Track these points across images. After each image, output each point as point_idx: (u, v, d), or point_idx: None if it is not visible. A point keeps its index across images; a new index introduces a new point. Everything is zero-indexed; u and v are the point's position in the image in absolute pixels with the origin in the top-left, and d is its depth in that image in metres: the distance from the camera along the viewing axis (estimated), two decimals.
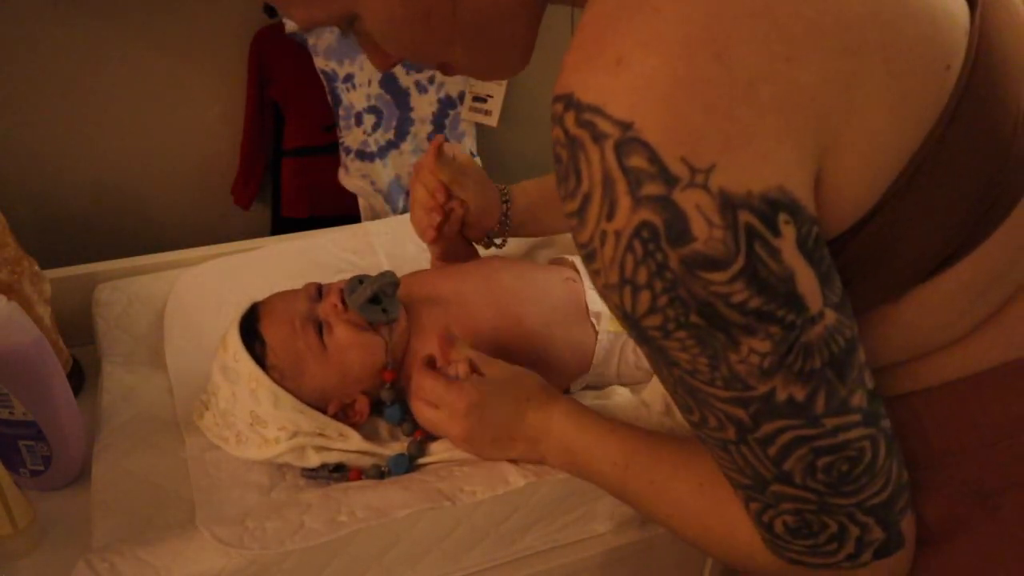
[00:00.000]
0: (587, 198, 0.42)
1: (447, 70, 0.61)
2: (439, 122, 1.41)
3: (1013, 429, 0.51)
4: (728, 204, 0.39)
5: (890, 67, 0.42)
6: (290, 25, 1.24)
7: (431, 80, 1.38)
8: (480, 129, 1.47)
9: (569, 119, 0.41)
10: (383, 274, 0.89)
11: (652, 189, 0.39)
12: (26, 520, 0.82)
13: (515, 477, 0.82)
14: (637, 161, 0.39)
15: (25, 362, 0.81)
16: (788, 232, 0.41)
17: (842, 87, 0.41)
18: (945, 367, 0.52)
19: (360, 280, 0.90)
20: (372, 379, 0.90)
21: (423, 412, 0.80)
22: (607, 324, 0.98)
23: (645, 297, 0.43)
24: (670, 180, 0.39)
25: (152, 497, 0.86)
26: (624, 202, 0.40)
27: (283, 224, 1.42)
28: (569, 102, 0.41)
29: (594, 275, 0.45)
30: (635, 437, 0.69)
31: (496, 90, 1.41)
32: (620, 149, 0.39)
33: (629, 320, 0.45)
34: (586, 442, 0.72)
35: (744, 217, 0.40)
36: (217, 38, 1.31)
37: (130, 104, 1.31)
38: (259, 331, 0.88)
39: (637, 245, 0.41)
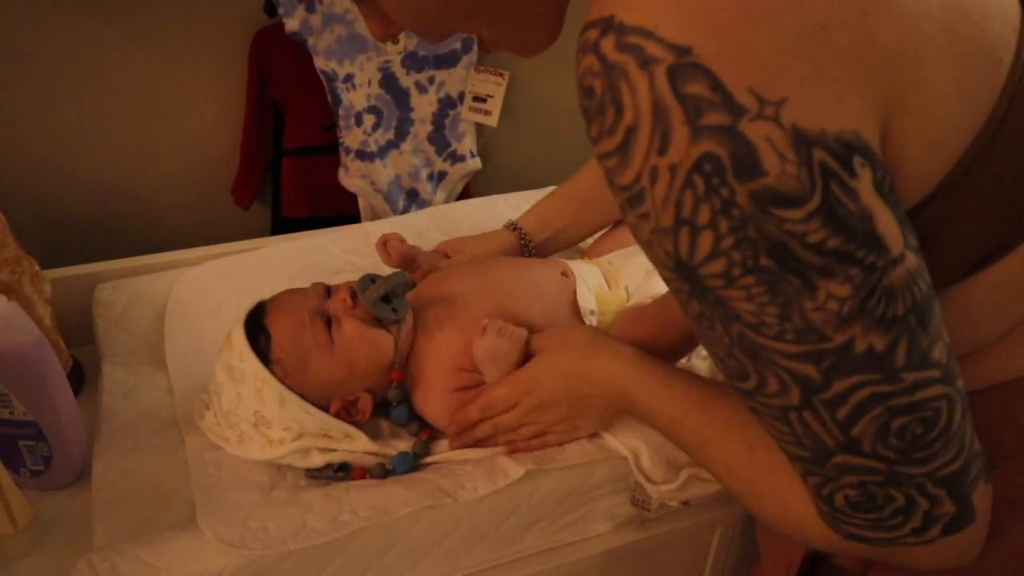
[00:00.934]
0: (631, 131, 0.38)
1: (483, 46, 0.58)
2: (439, 122, 1.41)
3: None
4: (802, 140, 0.37)
5: (953, 47, 0.42)
6: (290, 25, 1.24)
7: (431, 80, 1.38)
8: (480, 129, 1.47)
9: (607, 44, 0.37)
10: (396, 274, 0.90)
11: (715, 118, 0.36)
12: (26, 520, 0.81)
13: (514, 469, 0.82)
14: (696, 88, 0.36)
15: (25, 362, 0.81)
16: (864, 175, 0.39)
17: (912, 54, 0.40)
18: (985, 370, 0.51)
19: (372, 279, 0.91)
20: (378, 376, 0.91)
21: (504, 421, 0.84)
22: (596, 322, 0.98)
23: (707, 239, 0.39)
24: (736, 110, 0.36)
25: (152, 497, 0.86)
26: (681, 132, 0.37)
27: (283, 224, 1.42)
28: (608, 25, 0.38)
29: (639, 220, 0.41)
30: (691, 392, 0.65)
31: (496, 90, 1.41)
32: (675, 74, 0.36)
33: (683, 269, 0.41)
34: (643, 397, 0.71)
35: (819, 155, 0.38)
36: (217, 38, 1.31)
37: (130, 104, 1.31)
38: (264, 325, 0.89)
39: (698, 180, 0.38)
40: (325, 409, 0.89)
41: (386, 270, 1.06)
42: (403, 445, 0.91)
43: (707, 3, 0.36)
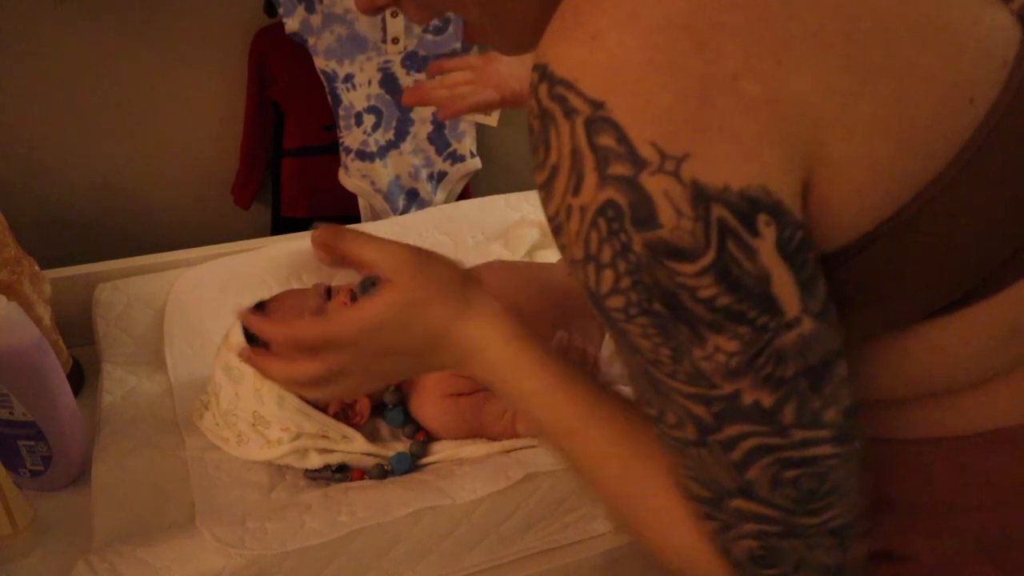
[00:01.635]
0: (555, 170, 0.41)
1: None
2: (439, 122, 1.41)
3: None
4: (701, 195, 0.38)
5: (899, 93, 0.40)
6: (290, 25, 1.24)
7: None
8: (480, 129, 1.47)
9: (543, 91, 0.40)
10: None
11: (619, 169, 0.38)
12: (26, 520, 0.81)
13: (515, 471, 0.82)
14: (606, 140, 0.38)
15: (25, 362, 0.81)
16: (768, 233, 0.39)
17: (840, 103, 0.39)
18: (962, 417, 0.50)
19: (372, 282, 0.90)
20: None
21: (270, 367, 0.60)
22: None
23: (608, 276, 0.41)
24: (638, 162, 0.38)
25: (152, 497, 0.86)
26: (591, 179, 0.39)
27: (283, 224, 1.42)
28: (544, 73, 0.40)
29: (561, 249, 0.44)
30: (586, 397, 0.55)
31: None
32: (590, 126, 0.39)
33: (593, 299, 0.43)
34: (523, 387, 0.57)
35: (718, 211, 0.38)
36: (217, 38, 1.31)
37: (130, 104, 1.31)
38: None
39: (601, 223, 0.40)
40: (323, 410, 0.89)
41: None
42: (401, 446, 0.91)
43: (619, 58, 0.38)
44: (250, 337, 0.88)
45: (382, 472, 0.87)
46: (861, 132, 0.40)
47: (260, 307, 0.92)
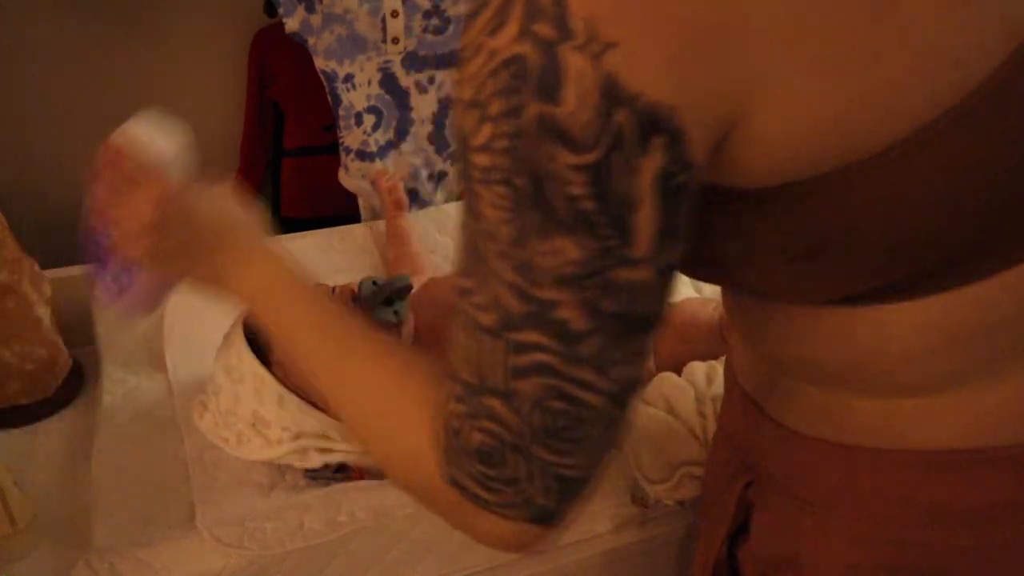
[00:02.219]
0: (484, 5, 0.38)
1: None
2: (439, 122, 1.41)
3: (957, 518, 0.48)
4: (611, 92, 0.36)
5: (852, 42, 0.37)
6: (290, 25, 1.24)
7: (431, 80, 1.38)
8: None
9: None
10: (397, 277, 0.90)
11: (543, 30, 0.36)
12: (26, 520, 0.81)
13: None
14: None
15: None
16: (655, 158, 0.37)
17: (793, 38, 0.36)
18: (900, 431, 0.49)
19: (374, 282, 0.91)
20: None
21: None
22: None
23: (486, 130, 0.38)
24: (564, 31, 0.36)
25: (152, 497, 0.86)
26: (512, 27, 0.37)
27: (283, 224, 1.42)
28: None
29: (455, 84, 0.41)
30: (336, 309, 0.56)
31: None
32: None
33: (462, 145, 0.41)
34: (280, 302, 0.58)
35: (620, 116, 0.36)
36: (217, 38, 1.31)
37: (130, 104, 1.31)
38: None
39: (504, 75, 0.37)
40: (324, 410, 0.89)
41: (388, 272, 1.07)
42: None
43: None
44: (252, 340, 0.88)
45: (382, 473, 0.87)
46: (810, 75, 0.37)
47: None
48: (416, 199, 1.44)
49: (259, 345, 0.88)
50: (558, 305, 0.40)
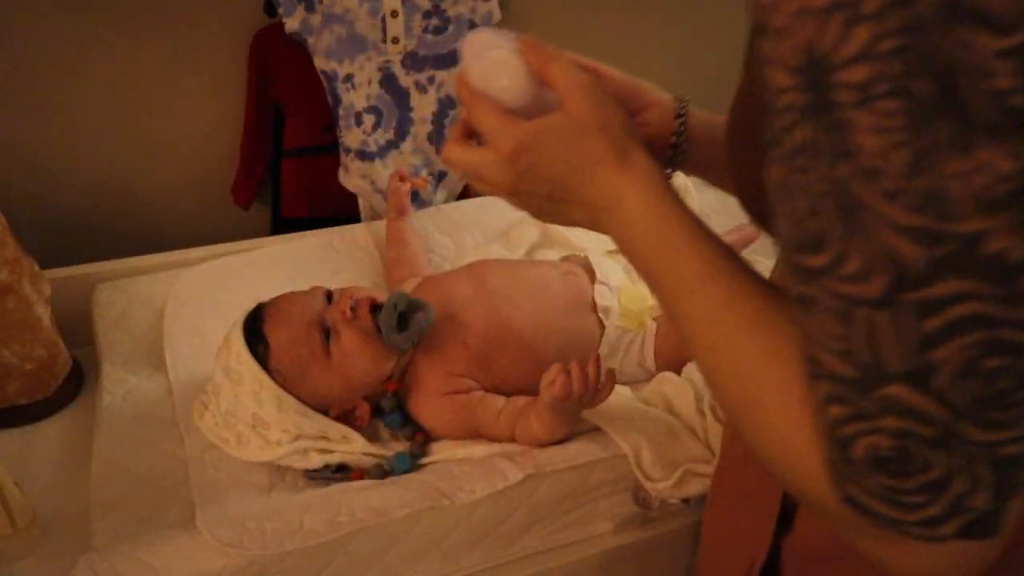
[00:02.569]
0: None
1: None
2: (439, 122, 1.41)
3: None
4: None
5: None
6: (290, 25, 1.24)
7: (431, 80, 1.38)
8: None
9: None
10: (425, 311, 0.88)
11: None
12: (26, 520, 0.82)
13: (513, 472, 0.82)
14: None
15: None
16: None
17: None
18: None
19: (395, 304, 0.88)
20: (375, 386, 0.91)
21: (457, 155, 0.56)
22: (616, 319, 0.98)
23: (863, 33, 0.30)
24: None
25: (152, 497, 0.86)
26: None
27: (283, 224, 1.42)
28: None
29: (765, 6, 0.33)
30: (719, 260, 0.49)
31: None
32: None
33: (814, 69, 0.32)
34: (656, 241, 0.51)
35: None
36: (217, 38, 1.31)
37: (130, 104, 1.31)
38: (263, 333, 0.88)
39: None
40: (324, 413, 0.89)
41: (384, 270, 1.07)
42: (400, 446, 0.91)
43: None
44: (251, 341, 0.88)
45: (382, 472, 0.87)
46: None
47: (258, 311, 0.91)
48: (416, 199, 1.43)
49: (258, 350, 0.88)
50: (987, 236, 0.31)
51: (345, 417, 0.90)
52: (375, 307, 0.89)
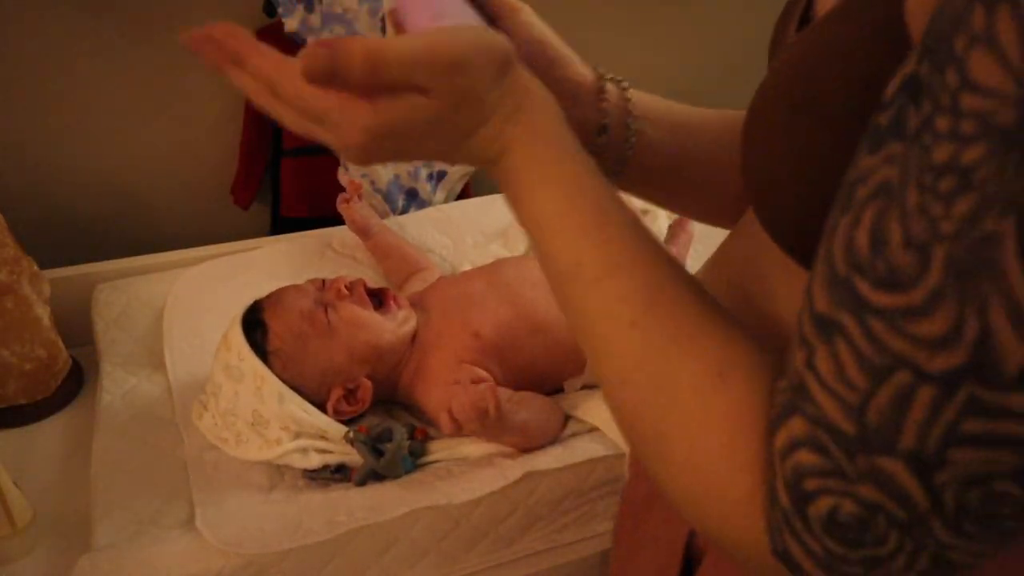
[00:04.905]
0: None
1: None
2: None
3: None
4: None
5: None
6: (289, 25, 1.24)
7: None
8: None
9: None
10: (398, 446, 0.87)
11: None
12: (25, 520, 0.82)
13: (512, 471, 0.82)
14: None
15: None
16: None
17: None
18: None
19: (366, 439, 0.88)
20: (377, 361, 0.91)
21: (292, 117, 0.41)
22: None
23: None
24: None
25: (152, 497, 0.86)
26: None
27: (283, 224, 1.42)
28: None
29: None
30: (638, 244, 0.40)
31: None
32: None
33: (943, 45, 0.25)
34: (550, 209, 0.41)
35: None
36: None
37: (130, 104, 1.31)
38: (261, 319, 0.90)
39: None
40: (323, 408, 0.89)
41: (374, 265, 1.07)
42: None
43: None
44: (249, 334, 0.88)
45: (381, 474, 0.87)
46: None
47: (256, 305, 0.92)
48: (415, 199, 1.43)
49: (256, 336, 0.88)
50: None
51: (347, 400, 0.90)
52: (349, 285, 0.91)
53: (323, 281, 0.94)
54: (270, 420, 0.86)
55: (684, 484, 0.37)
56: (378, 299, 0.93)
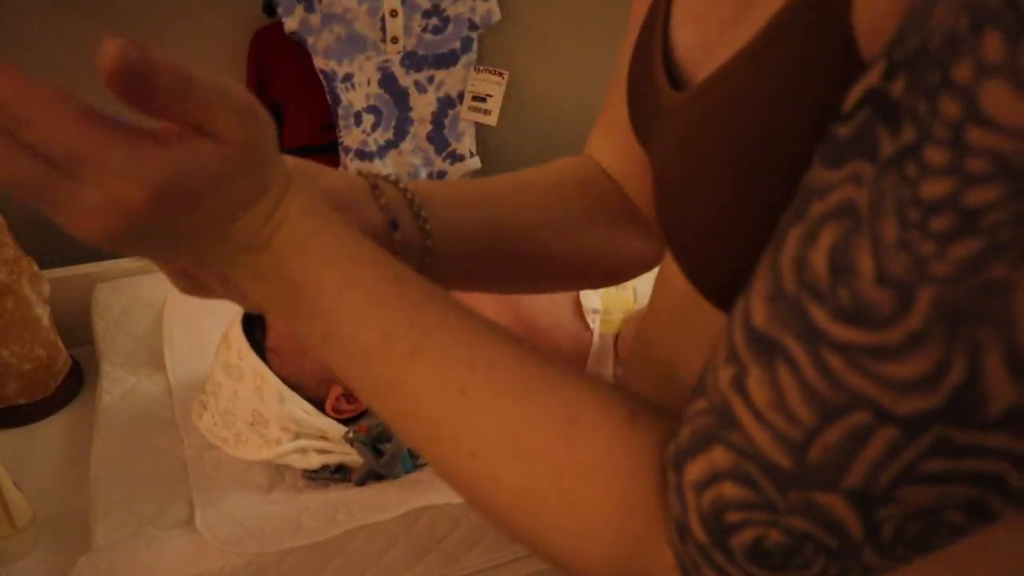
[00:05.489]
0: None
1: None
2: (438, 122, 1.41)
3: None
4: None
5: None
6: (289, 25, 1.24)
7: (430, 80, 1.38)
8: (480, 128, 1.47)
9: None
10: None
11: None
12: (25, 520, 0.82)
13: None
14: None
15: None
16: None
17: None
18: None
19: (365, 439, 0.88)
20: None
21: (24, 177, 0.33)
22: (600, 326, 0.99)
23: None
24: None
25: (152, 497, 0.86)
26: None
27: None
28: None
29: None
30: (457, 317, 0.37)
31: (495, 89, 1.41)
32: None
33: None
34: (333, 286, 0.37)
35: None
36: (216, 38, 1.31)
37: (130, 104, 1.31)
38: (260, 317, 0.90)
39: None
40: (323, 407, 0.89)
41: None
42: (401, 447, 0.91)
43: None
44: (249, 333, 0.88)
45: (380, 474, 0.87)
46: None
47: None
48: None
49: (256, 336, 0.88)
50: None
51: (347, 398, 0.90)
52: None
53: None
54: (270, 420, 0.86)
55: (569, 546, 0.34)
56: None
